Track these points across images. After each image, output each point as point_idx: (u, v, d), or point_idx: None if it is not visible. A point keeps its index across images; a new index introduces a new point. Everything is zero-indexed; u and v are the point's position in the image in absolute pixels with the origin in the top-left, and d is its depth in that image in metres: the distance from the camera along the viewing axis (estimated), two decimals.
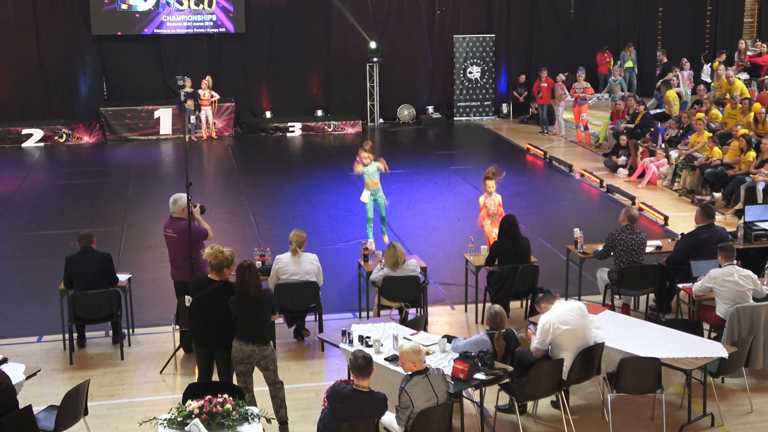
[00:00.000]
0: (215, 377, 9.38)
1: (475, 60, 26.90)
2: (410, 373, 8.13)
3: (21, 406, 8.23)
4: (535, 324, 9.60)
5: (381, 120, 26.85)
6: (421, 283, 11.59)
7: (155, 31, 25.49)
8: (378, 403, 7.87)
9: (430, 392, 8.06)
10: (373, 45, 26.15)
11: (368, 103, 26.74)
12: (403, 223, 16.54)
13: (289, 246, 11.29)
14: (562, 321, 9.15)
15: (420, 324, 10.49)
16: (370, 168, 14.42)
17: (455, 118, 27.14)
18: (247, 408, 7.83)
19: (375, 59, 26.27)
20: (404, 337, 9.49)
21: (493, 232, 13.22)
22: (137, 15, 25.29)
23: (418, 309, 11.70)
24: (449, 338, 9.62)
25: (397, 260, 11.33)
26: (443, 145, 24.42)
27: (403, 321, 10.86)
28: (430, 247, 15.02)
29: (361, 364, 7.78)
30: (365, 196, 14.55)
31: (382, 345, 9.38)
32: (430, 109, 27.05)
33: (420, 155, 22.65)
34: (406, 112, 26.98)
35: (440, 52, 27.16)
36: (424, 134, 25.81)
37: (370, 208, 14.54)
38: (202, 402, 7.68)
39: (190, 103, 23.87)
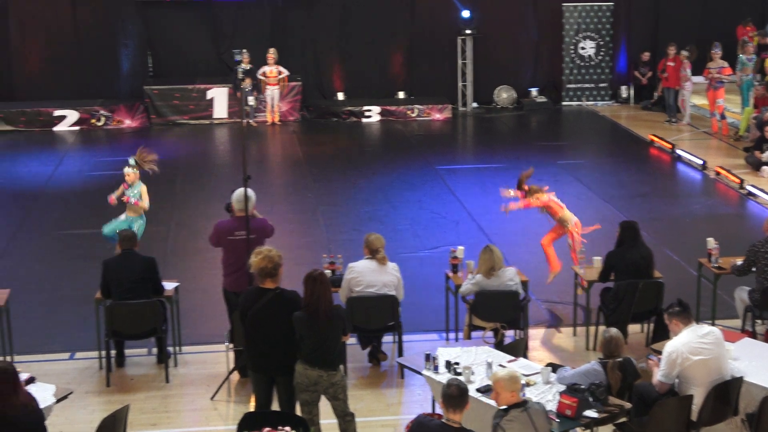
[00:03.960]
0: (274, 407, 9.46)
1: (588, 33, 26.70)
2: (506, 406, 8.11)
3: None
4: (659, 352, 9.51)
5: (474, 104, 26.80)
6: (521, 301, 11.55)
7: None
8: None
9: (530, 430, 8.02)
10: (466, 14, 26.11)
11: (459, 84, 26.71)
12: (500, 228, 16.49)
13: (371, 253, 11.30)
14: (693, 350, 9.05)
15: (519, 349, 10.45)
16: (132, 191, 14.11)
17: (564, 103, 26.98)
18: None
19: (468, 32, 26.23)
20: (500, 365, 9.47)
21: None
22: None
23: (517, 331, 11.66)
24: (554, 367, 9.57)
25: (494, 265, 11.33)
26: (549, 135, 24.29)
27: (499, 345, 10.82)
28: (532, 258, 14.93)
29: (454, 394, 7.77)
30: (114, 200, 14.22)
31: (473, 373, 9.37)
32: (534, 91, 26.92)
33: (521, 146, 22.57)
34: (504, 95, 26.89)
35: (547, 23, 27.02)
36: (527, 121, 25.71)
37: (114, 225, 14.10)
38: None
39: (248, 82, 24.09)
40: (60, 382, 10.08)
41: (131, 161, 14.33)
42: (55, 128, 24.58)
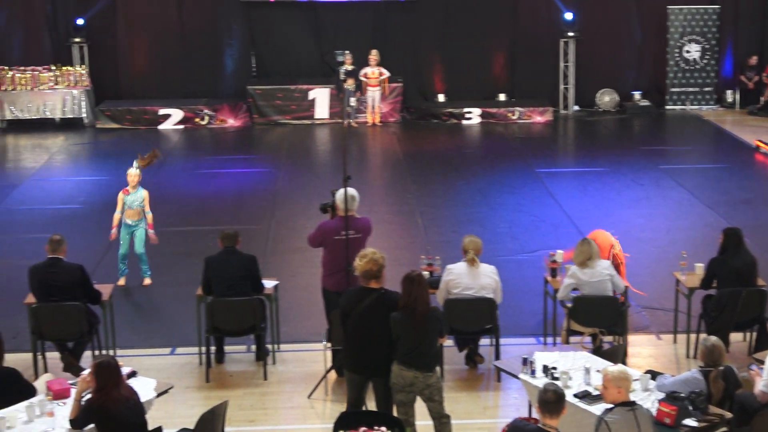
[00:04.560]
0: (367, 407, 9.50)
1: (694, 36, 26.30)
2: (612, 404, 8.05)
3: (150, 428, 8.57)
4: (761, 362, 9.34)
5: (576, 107, 26.58)
6: (621, 306, 11.43)
7: None
8: None
9: (634, 430, 7.94)
10: (569, 16, 25.92)
11: (561, 87, 26.52)
12: None
13: (464, 255, 11.29)
14: None
15: (618, 355, 10.36)
16: (134, 196, 14.27)
17: (667, 107, 26.61)
18: None
19: (571, 34, 26.03)
20: (597, 370, 9.40)
21: None
22: None
23: (616, 337, 11.55)
24: (653, 374, 9.47)
25: (592, 255, 11.30)
26: (652, 139, 23.98)
27: (597, 351, 10.75)
28: (632, 263, 14.70)
29: (551, 399, 7.73)
30: (116, 234, 14.29)
31: (570, 378, 9.32)
32: (637, 95, 26.59)
33: (623, 151, 22.33)
34: (607, 98, 26.63)
35: (651, 25, 26.68)
36: (629, 125, 25.42)
37: (124, 243, 14.29)
38: None
39: (350, 83, 24.20)
40: (161, 377, 10.24)
41: (135, 164, 14.48)
42: (160, 126, 24.98)
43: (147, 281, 14.41)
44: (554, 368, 9.48)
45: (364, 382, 9.45)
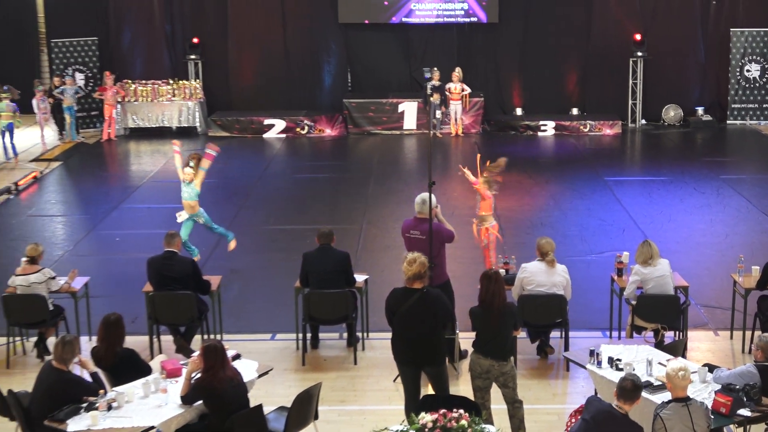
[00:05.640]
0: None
1: (754, 57, 25.85)
2: (668, 400, 7.98)
3: (251, 405, 8.69)
4: None
5: (643, 121, 26.29)
6: (682, 304, 11.30)
7: (403, 19, 26.10)
8: (635, 430, 7.72)
9: (687, 424, 7.86)
10: (638, 37, 25.65)
11: (630, 102, 26.25)
12: (663, 237, 16.12)
13: (541, 256, 11.21)
14: None
15: (678, 349, 10.23)
16: (187, 189, 14.46)
17: (728, 122, 26.19)
18: (483, 426, 7.87)
19: (639, 53, 25.76)
20: (659, 362, 9.31)
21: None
22: (386, 2, 25.98)
23: (677, 333, 11.42)
24: (711, 367, 9.35)
25: (653, 255, 11.18)
26: (713, 152, 23.64)
27: (659, 345, 10.64)
28: (693, 265, 14.59)
29: (628, 387, 7.69)
30: (181, 216, 14.60)
31: (633, 369, 9.23)
32: (700, 110, 26.23)
33: (686, 162, 22.03)
34: (672, 113, 26.29)
35: (714, 46, 26.29)
36: (692, 138, 25.08)
37: (185, 229, 14.52)
38: (436, 416, 7.80)
39: (436, 97, 24.24)
40: (262, 360, 10.32)
41: (191, 163, 14.64)
42: (265, 135, 25.25)
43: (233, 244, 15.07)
44: (619, 359, 9.40)
45: (417, 373, 9.40)
